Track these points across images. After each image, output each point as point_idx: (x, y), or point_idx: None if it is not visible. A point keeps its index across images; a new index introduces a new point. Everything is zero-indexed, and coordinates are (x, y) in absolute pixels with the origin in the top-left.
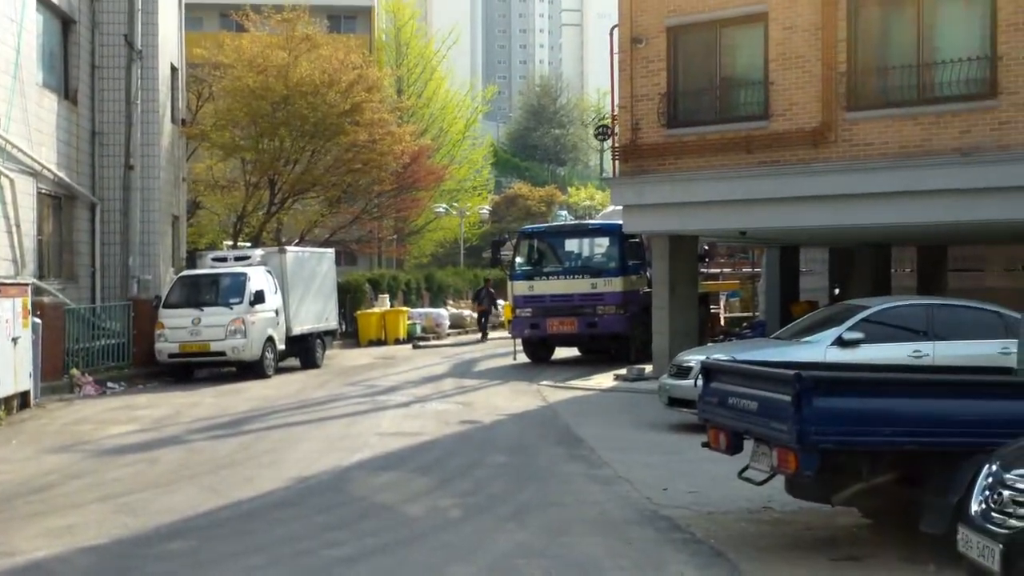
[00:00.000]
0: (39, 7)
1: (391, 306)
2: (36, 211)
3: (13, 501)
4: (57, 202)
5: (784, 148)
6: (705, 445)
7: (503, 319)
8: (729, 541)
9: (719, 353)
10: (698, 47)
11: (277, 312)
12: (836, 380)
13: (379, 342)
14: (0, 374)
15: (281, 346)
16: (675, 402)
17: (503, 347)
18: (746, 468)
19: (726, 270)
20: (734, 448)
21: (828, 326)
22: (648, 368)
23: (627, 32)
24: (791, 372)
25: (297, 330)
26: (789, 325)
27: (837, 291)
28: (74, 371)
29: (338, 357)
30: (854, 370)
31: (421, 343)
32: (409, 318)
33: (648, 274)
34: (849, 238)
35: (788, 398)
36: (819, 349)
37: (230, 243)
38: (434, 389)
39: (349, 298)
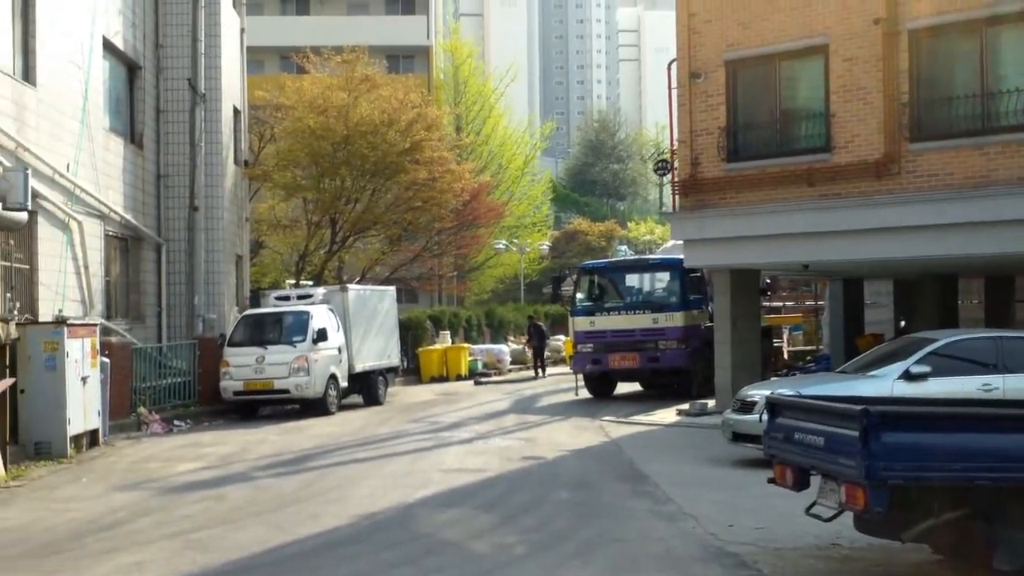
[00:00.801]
0: (105, 53)
1: (452, 343)
2: (104, 253)
3: (84, 538)
4: (124, 244)
5: (846, 180)
6: (771, 481)
7: (563, 355)
8: None
9: (783, 388)
10: (757, 80)
11: (340, 350)
12: (904, 415)
13: (441, 378)
14: (70, 413)
15: (344, 383)
16: (739, 437)
17: (564, 382)
18: (813, 504)
19: (789, 303)
20: (801, 484)
21: (894, 360)
22: (711, 403)
23: (685, 67)
24: (858, 407)
25: (359, 367)
26: (855, 359)
27: (903, 324)
28: (141, 409)
29: (400, 394)
30: (922, 404)
31: (482, 379)
32: (470, 354)
33: (710, 308)
34: (914, 270)
35: (855, 433)
36: (886, 383)
37: (292, 282)
38: (496, 425)
39: (410, 335)
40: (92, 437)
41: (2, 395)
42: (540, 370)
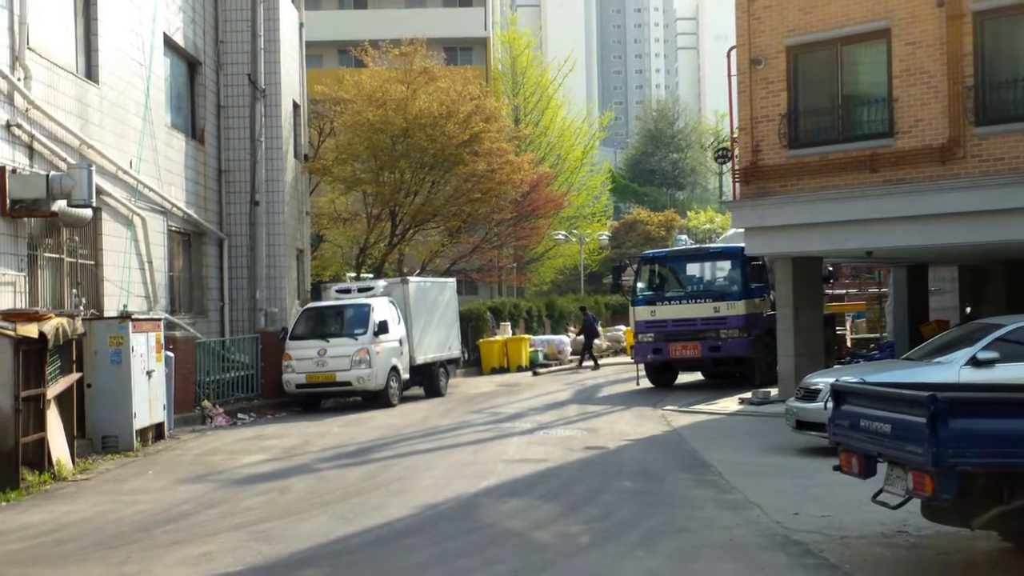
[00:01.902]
0: (166, 50)
1: (512, 334)
2: (167, 248)
3: (152, 530)
4: (186, 239)
5: (910, 166)
6: (837, 468)
7: (623, 344)
8: (864, 566)
9: (847, 375)
10: (819, 66)
11: (401, 342)
12: (972, 400)
13: (501, 370)
14: (136, 407)
15: (405, 375)
16: (803, 425)
17: (625, 373)
18: (880, 492)
19: (851, 291)
20: (867, 471)
21: (961, 346)
22: (774, 391)
23: (745, 53)
24: (925, 393)
25: (421, 359)
26: (920, 346)
27: (968, 310)
28: (205, 403)
29: (461, 385)
30: (990, 390)
31: (542, 370)
32: (531, 345)
33: (771, 296)
34: (980, 255)
35: (923, 420)
36: (952, 370)
37: (353, 275)
38: (558, 415)
39: (471, 327)
40: (158, 430)
41: (69, 390)
42: (593, 361)
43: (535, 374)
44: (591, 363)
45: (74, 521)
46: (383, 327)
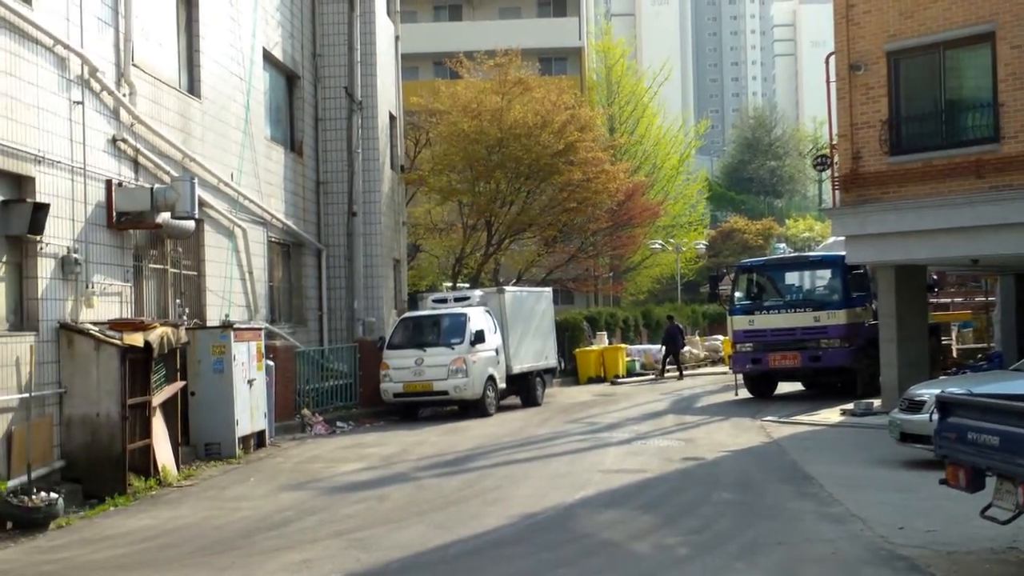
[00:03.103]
0: (265, 65)
1: (609, 343)
2: (267, 258)
3: (253, 536)
4: (286, 249)
5: (1017, 171)
6: (943, 482)
7: (721, 354)
8: None
9: (954, 386)
10: (921, 71)
11: (497, 351)
12: None
13: (598, 379)
14: (238, 415)
15: (502, 385)
16: (907, 437)
17: (724, 382)
18: (989, 506)
19: (957, 299)
20: (975, 485)
21: None
22: (876, 403)
23: (844, 59)
24: None
25: (517, 368)
26: None
27: None
28: (305, 411)
29: (558, 395)
30: None
31: (621, 380)
32: (627, 355)
33: (873, 306)
34: None
35: None
36: None
37: (449, 284)
38: (655, 426)
39: (567, 336)
40: (259, 438)
41: (174, 397)
42: (678, 371)
43: (613, 383)
44: (675, 373)
45: (178, 527)
46: (480, 336)
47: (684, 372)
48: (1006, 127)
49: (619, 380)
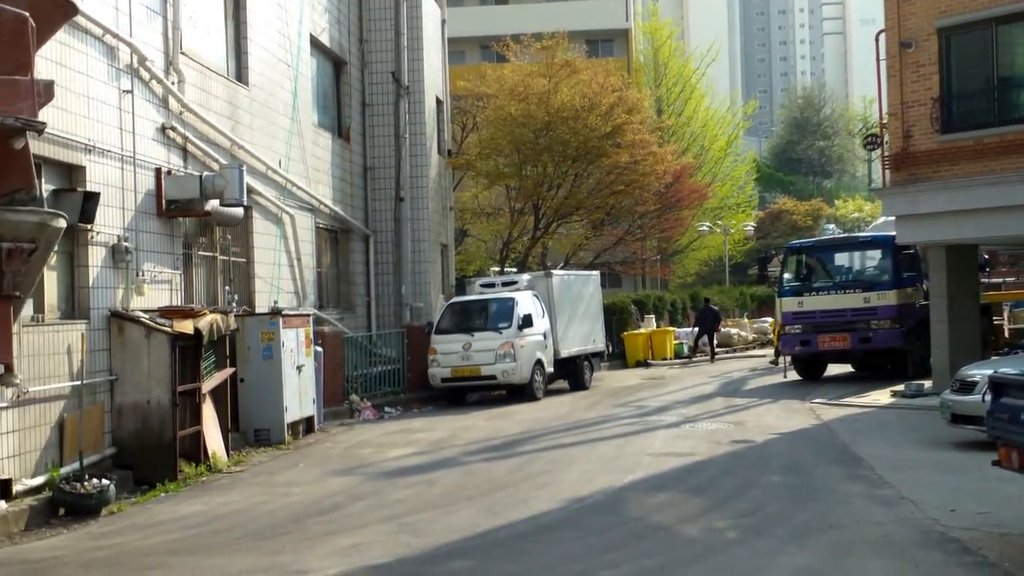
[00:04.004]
0: (312, 51)
1: (657, 326)
2: (315, 244)
3: (304, 521)
4: (333, 235)
5: None
6: (995, 463)
7: (769, 336)
8: None
9: (1006, 366)
10: (972, 47)
11: (545, 335)
12: None
13: (646, 362)
14: (286, 401)
15: (550, 369)
16: (959, 419)
17: (763, 366)
18: None
19: (1009, 279)
20: None
21: None
22: (927, 384)
23: (895, 36)
24: None
25: (565, 352)
26: None
27: None
28: (353, 396)
29: (606, 378)
30: None
31: (689, 363)
32: (676, 338)
33: (924, 286)
34: None
35: None
36: None
37: (497, 269)
38: (703, 409)
39: (615, 319)
40: (308, 424)
41: (223, 384)
42: (710, 355)
43: (647, 365)
44: (707, 356)
45: (229, 512)
46: (527, 321)
47: (716, 355)
48: None
49: (651, 363)
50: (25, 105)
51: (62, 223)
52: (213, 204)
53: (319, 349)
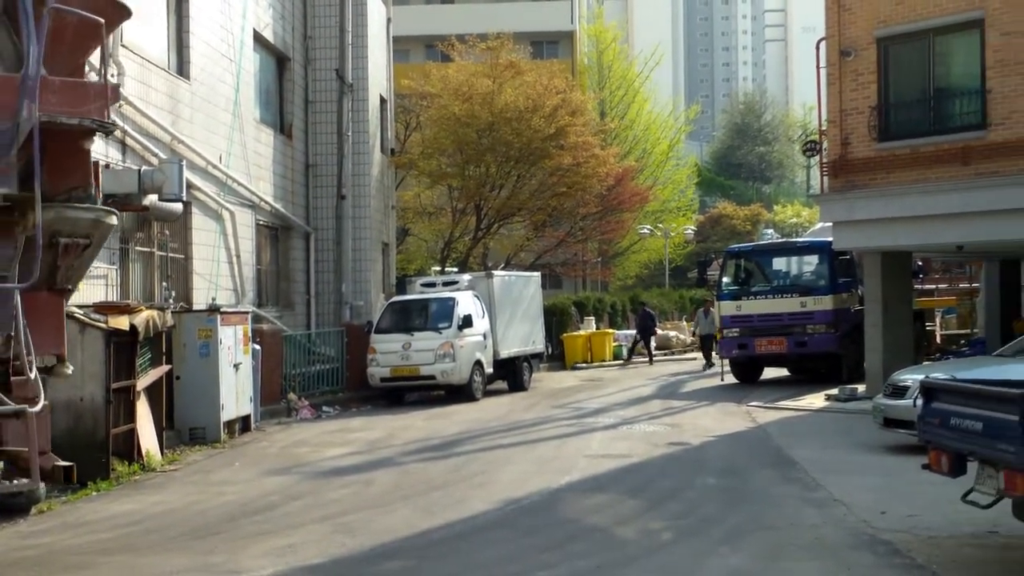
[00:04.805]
0: (256, 46)
1: (596, 328)
2: (255, 241)
3: (238, 520)
4: (274, 232)
5: (1004, 158)
6: (925, 467)
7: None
8: (952, 567)
9: (937, 372)
10: (910, 57)
11: (485, 336)
12: None
13: (585, 364)
14: (223, 399)
15: (489, 369)
16: (891, 423)
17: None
18: (970, 491)
19: (942, 286)
20: (957, 470)
21: None
22: (861, 388)
23: (835, 45)
24: (1019, 391)
25: (504, 353)
26: (1012, 342)
27: None
28: (291, 395)
29: (545, 379)
30: None
31: (626, 364)
32: (615, 340)
33: (859, 292)
34: None
35: (1016, 418)
36: None
37: (438, 269)
38: (641, 411)
39: (555, 321)
40: (244, 423)
41: (159, 381)
42: (648, 358)
43: (573, 368)
44: (646, 359)
45: (162, 511)
46: (467, 321)
47: (654, 358)
48: (993, 114)
49: (578, 366)
50: (95, 107)
51: (114, 220)
52: (152, 199)
53: (257, 347)
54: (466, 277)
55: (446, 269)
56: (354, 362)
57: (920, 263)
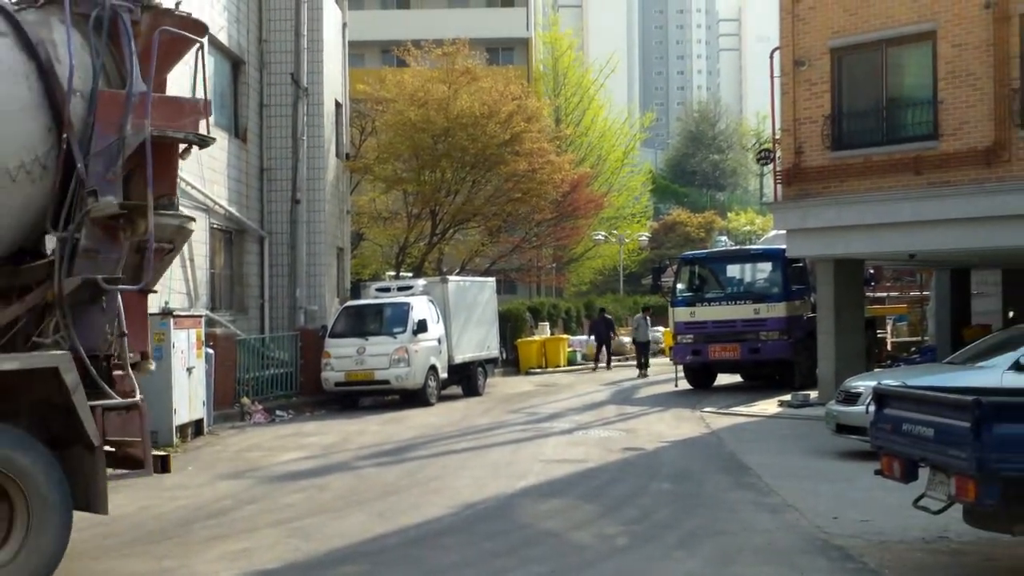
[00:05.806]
0: (211, 49)
1: (551, 334)
2: (209, 245)
3: (191, 525)
4: (228, 236)
5: (955, 168)
6: (878, 473)
7: (662, 346)
8: (904, 572)
9: (889, 379)
10: (863, 68)
11: (439, 341)
12: (1017, 405)
13: (540, 370)
14: (176, 403)
15: (444, 374)
16: (843, 429)
17: (664, 374)
18: (922, 496)
19: (893, 294)
20: (909, 476)
21: (1004, 350)
22: (813, 394)
23: (789, 55)
24: (970, 398)
25: (459, 358)
26: (962, 350)
27: (1012, 314)
28: (245, 400)
29: (499, 385)
30: None
31: (537, 369)
32: (569, 346)
33: (812, 299)
34: None
35: (966, 424)
36: (995, 374)
37: (393, 273)
38: (596, 416)
39: (510, 326)
40: (197, 427)
41: None
42: (607, 363)
43: (528, 374)
44: (604, 364)
45: (114, 516)
46: (422, 326)
47: (613, 363)
48: (944, 124)
49: (533, 371)
50: (189, 121)
51: (193, 226)
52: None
53: (210, 351)
54: (421, 282)
55: (401, 274)
56: (308, 366)
57: (872, 271)
